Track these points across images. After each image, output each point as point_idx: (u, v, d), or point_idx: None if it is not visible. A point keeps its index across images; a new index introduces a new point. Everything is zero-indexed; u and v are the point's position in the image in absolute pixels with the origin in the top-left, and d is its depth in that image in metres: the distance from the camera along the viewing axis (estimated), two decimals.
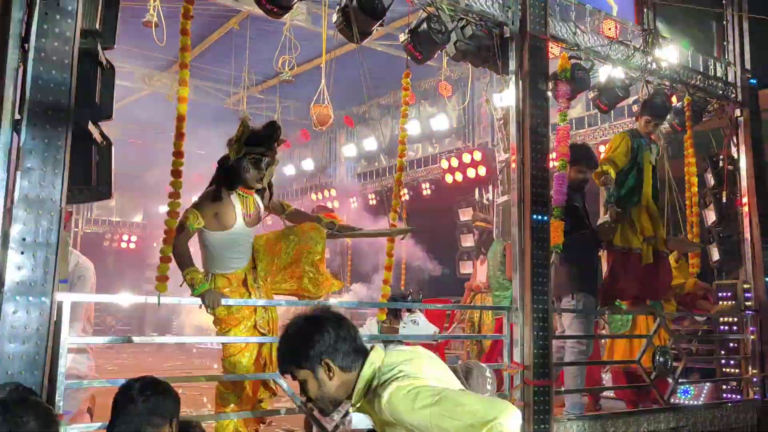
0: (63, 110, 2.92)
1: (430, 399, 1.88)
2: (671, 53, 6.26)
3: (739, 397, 6.22)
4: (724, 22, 6.72)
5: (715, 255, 6.65)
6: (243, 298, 3.88)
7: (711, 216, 6.70)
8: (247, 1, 6.96)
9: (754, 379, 6.21)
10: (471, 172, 10.29)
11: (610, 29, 6.27)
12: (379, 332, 5.46)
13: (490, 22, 4.87)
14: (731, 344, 6.40)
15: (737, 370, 6.32)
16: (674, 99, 6.40)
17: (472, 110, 10.82)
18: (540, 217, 4.72)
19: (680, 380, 5.67)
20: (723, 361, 6.45)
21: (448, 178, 10.68)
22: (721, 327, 6.46)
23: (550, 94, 5.13)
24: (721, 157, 6.73)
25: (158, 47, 6.87)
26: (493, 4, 4.87)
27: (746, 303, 6.39)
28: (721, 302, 6.49)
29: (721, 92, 6.56)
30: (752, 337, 6.30)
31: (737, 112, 6.68)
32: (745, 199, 6.60)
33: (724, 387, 6.36)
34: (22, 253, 2.80)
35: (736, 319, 6.36)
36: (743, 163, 6.62)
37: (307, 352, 2.08)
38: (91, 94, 3.11)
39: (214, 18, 8.82)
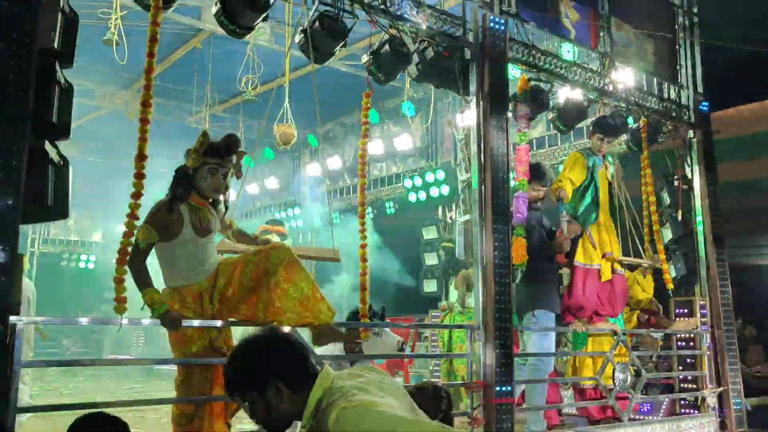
0: (19, 130, 2.87)
1: (377, 422, 1.85)
2: (627, 76, 6.43)
3: (696, 411, 6.34)
4: (677, 47, 6.93)
5: (672, 272, 6.80)
6: (196, 315, 3.81)
7: (668, 234, 6.86)
8: (209, 20, 6.95)
9: (710, 394, 6.35)
10: (434, 191, 10.38)
11: (568, 52, 6.44)
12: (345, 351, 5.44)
13: (451, 44, 4.95)
14: (688, 360, 6.54)
15: (694, 385, 6.45)
16: (631, 120, 6.58)
17: (435, 130, 10.94)
18: (502, 235, 4.78)
19: (640, 396, 5.76)
20: (680, 377, 6.57)
21: (412, 197, 10.76)
22: (679, 343, 6.60)
23: (510, 114, 5.23)
24: (676, 176, 6.91)
25: (119, 65, 6.81)
26: (454, 27, 4.96)
27: (702, 319, 6.54)
28: (677, 319, 6.64)
29: (674, 114, 6.76)
30: (708, 352, 6.45)
31: (690, 133, 6.88)
32: (699, 218, 6.79)
33: (682, 402, 6.48)
34: None
35: (692, 335, 6.51)
36: (697, 183, 6.82)
37: (255, 374, 2.02)
38: (48, 114, 3.06)
39: (176, 36, 8.78)
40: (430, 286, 10.87)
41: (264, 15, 4.03)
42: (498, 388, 4.53)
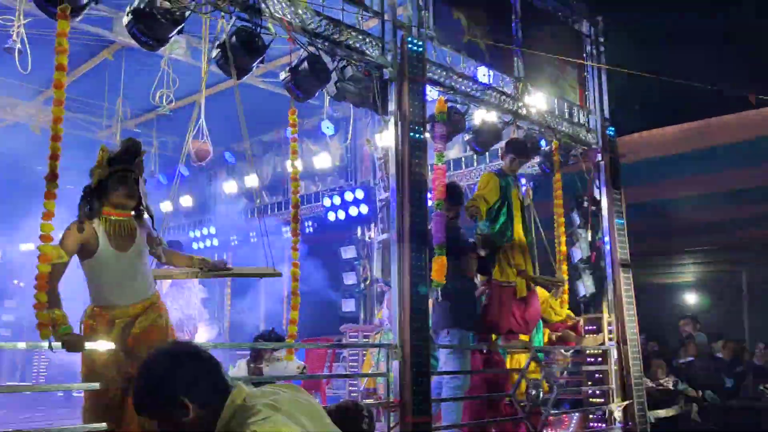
0: None
1: None
2: (540, 100, 6.66)
3: (604, 425, 6.55)
4: (585, 74, 7.24)
5: (582, 290, 7.03)
6: (105, 335, 3.64)
7: (578, 253, 7.11)
8: (121, 32, 6.72)
9: (617, 408, 6.58)
10: (353, 211, 10.38)
11: (484, 75, 6.61)
12: (249, 374, 5.34)
13: (370, 64, 4.98)
14: (597, 375, 6.75)
15: (602, 400, 6.67)
16: (543, 142, 6.81)
17: (354, 149, 10.97)
18: (419, 254, 4.80)
19: (552, 411, 5.89)
20: (590, 392, 6.77)
21: (331, 216, 10.71)
22: (588, 359, 6.81)
23: (428, 135, 5.30)
24: (585, 198, 7.18)
25: (22, 75, 6.46)
26: (373, 47, 4.99)
27: (609, 336, 6.79)
28: (587, 335, 6.86)
29: (584, 138, 7.04)
30: (615, 368, 6.69)
31: (599, 156, 7.18)
32: (606, 238, 7.07)
33: (591, 416, 6.68)
34: None
35: (601, 351, 6.74)
36: (605, 204, 7.10)
37: (161, 389, 1.92)
38: None
39: (85, 48, 8.43)
40: (348, 306, 10.82)
41: (179, 28, 3.94)
42: (414, 407, 4.52)
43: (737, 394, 7.34)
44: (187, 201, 13.74)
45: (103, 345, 3.60)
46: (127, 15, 3.86)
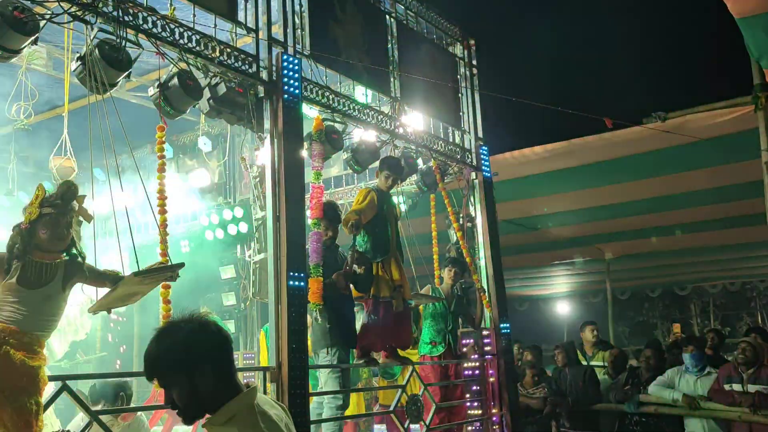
0: None
1: None
2: (417, 120, 6.80)
3: None
4: (459, 95, 7.49)
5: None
6: None
7: None
8: None
9: (494, 418, 6.79)
10: (232, 229, 10.10)
11: (363, 95, 6.66)
12: None
13: (244, 80, 4.88)
14: (474, 387, 6.93)
15: (480, 411, 6.85)
16: (420, 161, 6.95)
17: (233, 166, 10.70)
18: (297, 274, 4.74)
19: (431, 426, 5.97)
20: (468, 404, 6.93)
21: (209, 235, 10.37)
22: (466, 372, 6.98)
23: (305, 153, 5.26)
24: (461, 215, 7.40)
25: None
26: (248, 64, 4.90)
27: (486, 348, 7.00)
28: (464, 348, 7.05)
29: (459, 157, 7.26)
30: (492, 379, 6.90)
31: (473, 175, 7.43)
32: (482, 253, 7.32)
33: (470, 428, 6.84)
34: None
35: (478, 364, 6.93)
36: (479, 221, 7.36)
37: (189, 353, 1.96)
38: None
39: None
40: (228, 327, 10.49)
41: (33, 38, 3.68)
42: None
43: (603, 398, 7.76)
44: None
45: None
46: None
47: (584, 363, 8.52)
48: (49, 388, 3.68)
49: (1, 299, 3.52)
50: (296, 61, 5.11)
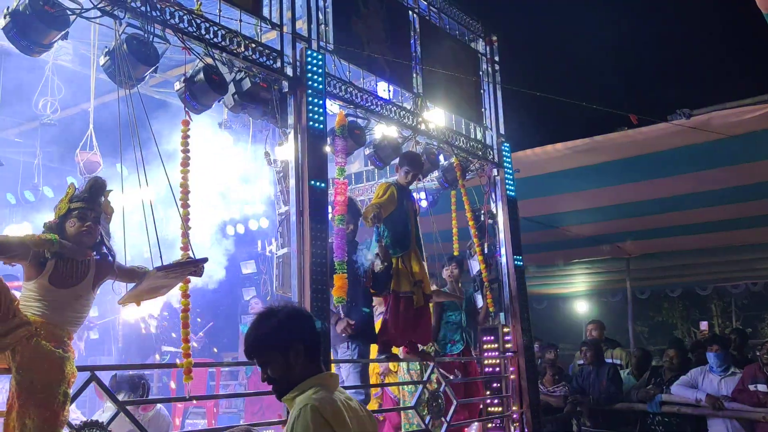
0: None
1: None
2: (438, 116, 6.79)
3: None
4: (482, 91, 7.46)
5: (480, 302, 7.19)
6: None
7: (475, 266, 7.27)
8: None
9: (514, 415, 6.77)
10: (253, 224, 10.17)
11: (385, 90, 6.67)
12: None
13: (269, 76, 4.90)
14: (495, 384, 6.92)
15: (500, 408, 6.83)
16: (442, 158, 6.94)
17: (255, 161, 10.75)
18: (320, 269, 4.75)
19: (451, 422, 5.96)
20: (488, 401, 6.92)
21: (230, 230, 10.44)
22: (487, 369, 6.97)
23: (328, 149, 5.27)
24: (482, 211, 7.38)
25: None
26: (273, 59, 4.92)
27: (506, 345, 6.98)
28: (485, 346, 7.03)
29: (480, 153, 7.24)
30: (512, 376, 6.88)
31: (494, 171, 7.41)
32: (502, 250, 7.29)
33: (490, 425, 6.83)
34: None
35: (498, 361, 6.91)
36: (500, 218, 7.33)
37: (285, 333, 2.28)
38: None
39: None
40: (246, 322, 10.55)
41: (62, 33, 3.72)
42: None
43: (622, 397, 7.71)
44: None
45: None
46: (5, 17, 3.60)
47: None
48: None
49: (32, 296, 3.54)
50: (320, 56, 5.12)
